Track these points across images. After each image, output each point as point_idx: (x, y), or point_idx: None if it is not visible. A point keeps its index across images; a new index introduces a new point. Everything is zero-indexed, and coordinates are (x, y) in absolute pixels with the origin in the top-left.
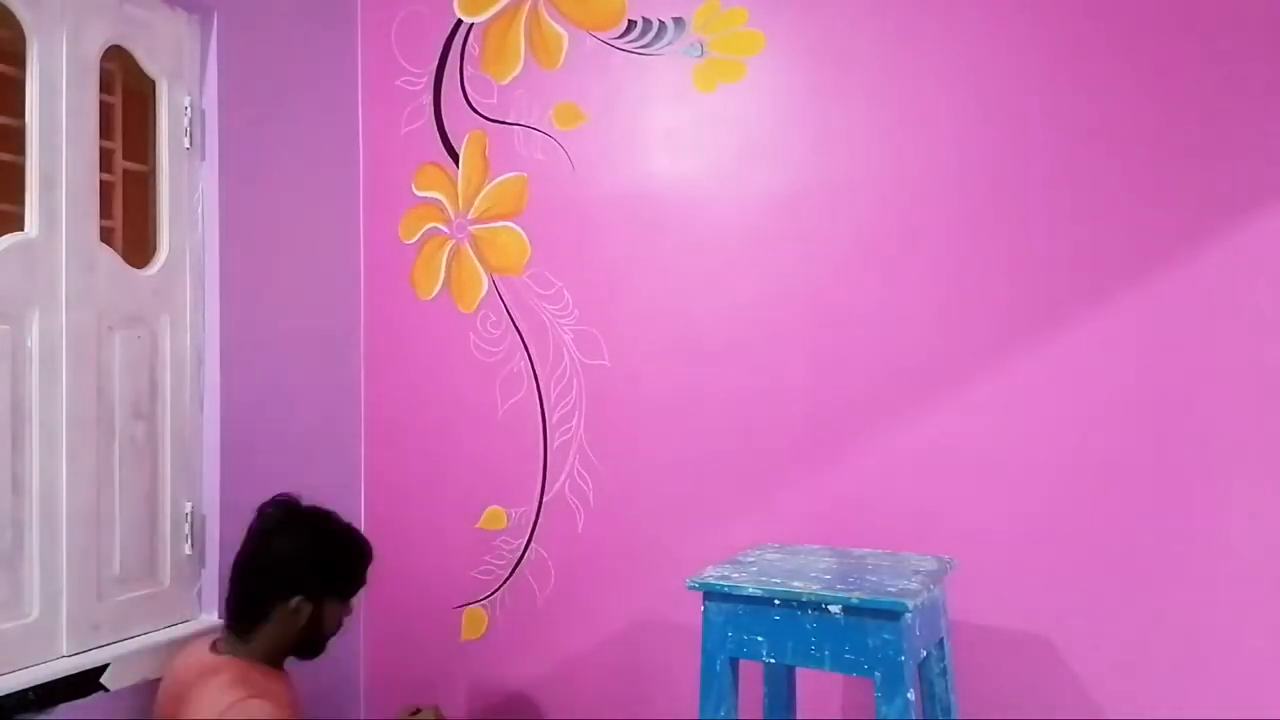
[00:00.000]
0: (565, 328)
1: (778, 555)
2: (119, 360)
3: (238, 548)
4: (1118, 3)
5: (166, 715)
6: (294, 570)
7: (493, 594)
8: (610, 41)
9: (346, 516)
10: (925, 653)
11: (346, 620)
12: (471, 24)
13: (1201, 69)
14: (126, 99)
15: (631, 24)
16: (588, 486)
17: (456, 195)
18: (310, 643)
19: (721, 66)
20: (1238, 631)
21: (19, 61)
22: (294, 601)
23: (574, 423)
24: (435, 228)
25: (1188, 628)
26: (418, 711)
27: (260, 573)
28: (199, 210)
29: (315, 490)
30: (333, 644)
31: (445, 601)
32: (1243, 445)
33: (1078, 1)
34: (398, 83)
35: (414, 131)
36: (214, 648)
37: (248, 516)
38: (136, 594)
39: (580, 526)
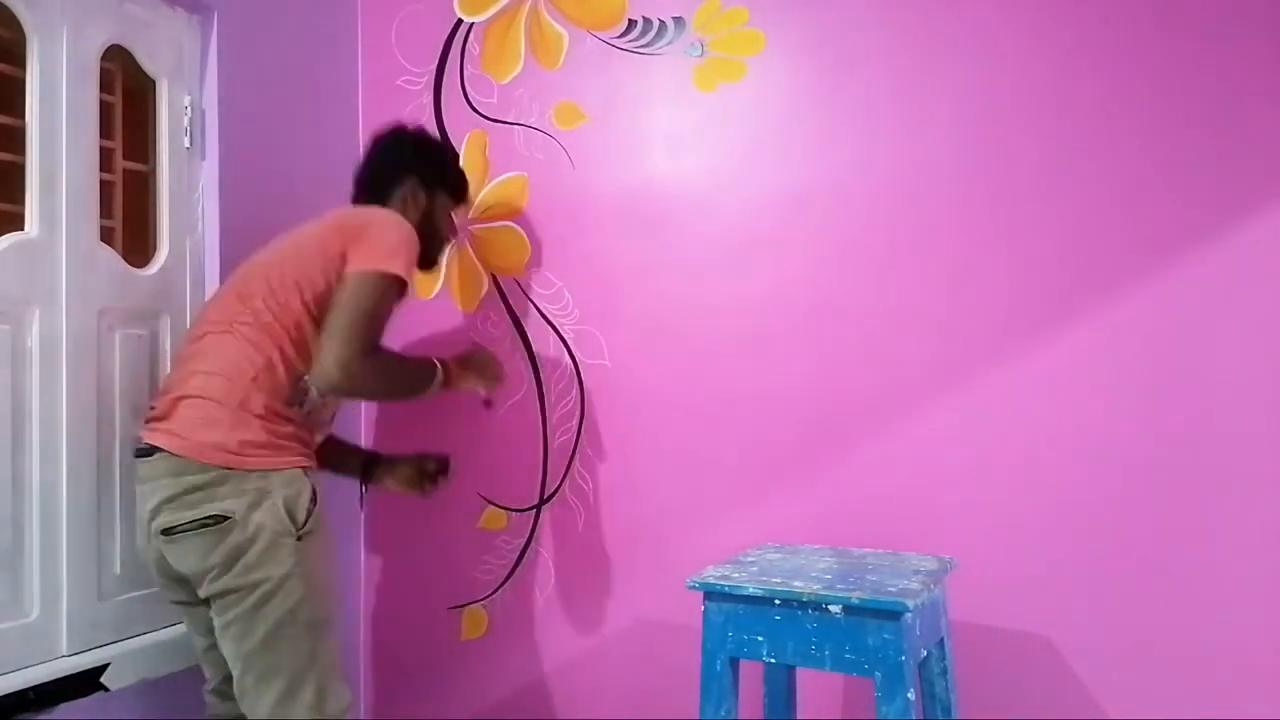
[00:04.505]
0: (565, 328)
1: (778, 555)
2: (119, 360)
3: None
4: (1122, 2)
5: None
6: (410, 152)
7: (493, 594)
8: (610, 41)
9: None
10: (925, 653)
11: (452, 232)
12: (472, 23)
13: (1203, 70)
14: (126, 99)
15: (632, 23)
16: (588, 486)
17: None
18: (424, 238)
19: (722, 66)
20: (1238, 631)
21: (19, 61)
22: (410, 182)
23: (574, 423)
24: None
25: (1188, 627)
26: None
27: (384, 151)
28: (199, 210)
29: None
30: (444, 256)
31: (445, 601)
32: (1244, 445)
33: (1080, 1)
34: (398, 82)
35: None
36: None
37: None
38: (136, 594)
39: (580, 526)
